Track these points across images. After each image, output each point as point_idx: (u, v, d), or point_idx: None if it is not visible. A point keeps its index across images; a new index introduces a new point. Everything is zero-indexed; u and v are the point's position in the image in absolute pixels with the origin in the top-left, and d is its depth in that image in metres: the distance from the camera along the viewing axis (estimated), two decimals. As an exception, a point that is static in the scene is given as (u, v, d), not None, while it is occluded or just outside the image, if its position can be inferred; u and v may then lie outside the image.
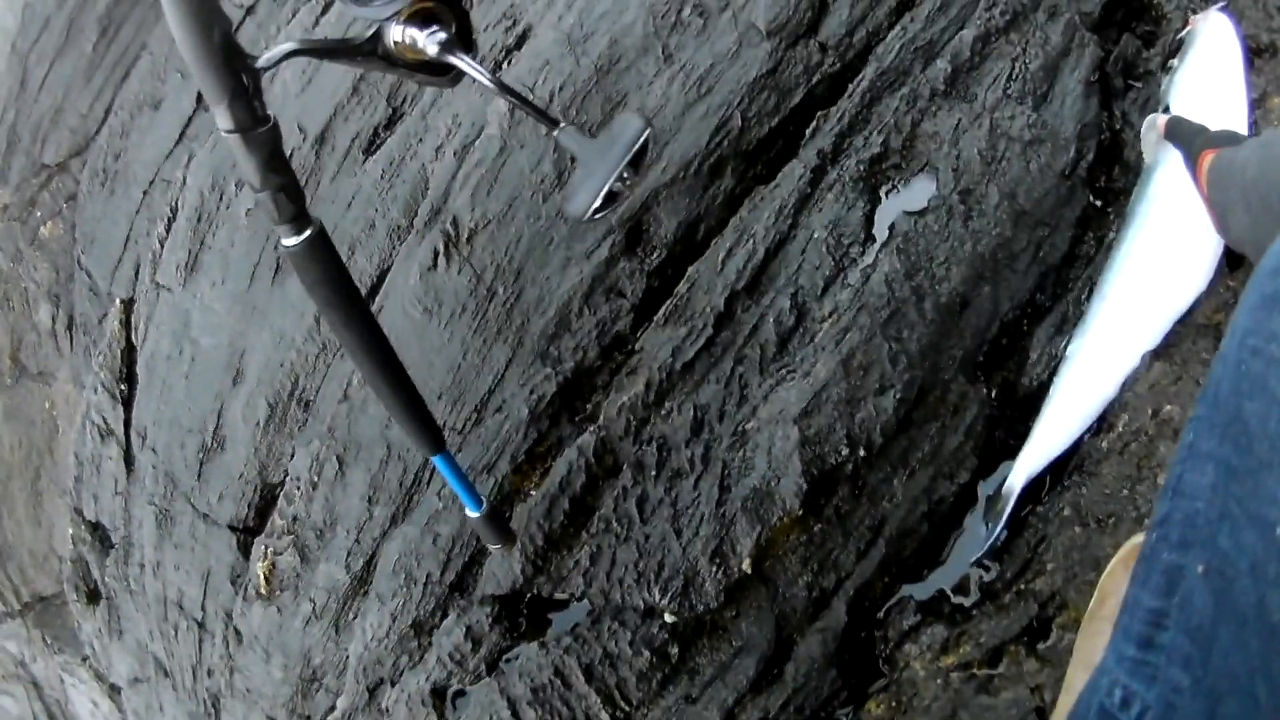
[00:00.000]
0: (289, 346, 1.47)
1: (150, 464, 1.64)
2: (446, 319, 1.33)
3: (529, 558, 1.25)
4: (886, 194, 1.36)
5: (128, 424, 1.69)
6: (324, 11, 1.74)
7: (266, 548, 1.46)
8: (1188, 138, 1.23)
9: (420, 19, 0.83)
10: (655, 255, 1.30)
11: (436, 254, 1.34)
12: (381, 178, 1.44)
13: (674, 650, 1.25)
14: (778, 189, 1.31)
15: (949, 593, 1.31)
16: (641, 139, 0.85)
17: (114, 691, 1.99)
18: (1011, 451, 1.31)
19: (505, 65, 1.42)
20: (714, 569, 1.23)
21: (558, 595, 1.27)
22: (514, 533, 1.18)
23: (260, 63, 0.75)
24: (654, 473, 1.23)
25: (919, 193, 1.37)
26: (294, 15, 1.78)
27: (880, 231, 1.33)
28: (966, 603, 1.29)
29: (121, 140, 1.92)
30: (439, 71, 0.88)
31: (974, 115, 1.41)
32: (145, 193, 1.81)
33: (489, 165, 1.36)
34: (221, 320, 1.54)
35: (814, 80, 1.38)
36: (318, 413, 1.42)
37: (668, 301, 1.28)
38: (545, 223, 1.31)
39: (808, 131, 1.35)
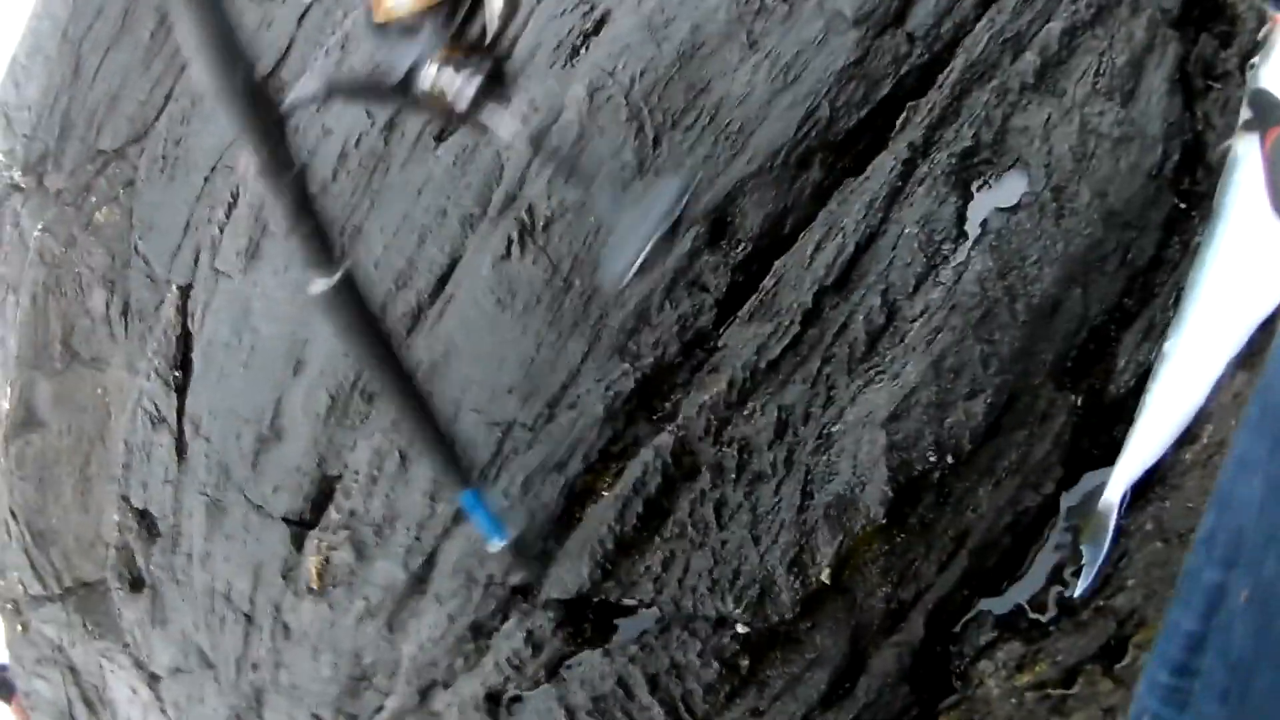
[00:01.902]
0: (353, 336, 1.43)
1: (203, 453, 1.62)
2: (520, 310, 1.29)
3: (597, 561, 1.20)
4: (978, 189, 1.30)
5: (180, 412, 1.67)
6: None
7: (321, 542, 1.43)
8: (1266, 110, 1.19)
9: (456, 61, 0.81)
10: (740, 249, 1.24)
11: (510, 243, 1.30)
12: (454, 164, 1.41)
13: (744, 662, 1.20)
14: (868, 182, 1.26)
15: (1027, 608, 1.25)
16: (678, 209, 0.85)
17: (153, 680, 1.97)
18: (1095, 461, 1.25)
19: (583, 50, 1.38)
20: (791, 578, 1.18)
21: (626, 601, 1.22)
22: (539, 564, 1.18)
23: (287, 105, 0.75)
24: (734, 476, 1.17)
25: (1010, 189, 1.31)
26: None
27: (972, 228, 1.26)
28: (1044, 619, 1.24)
29: (182, 127, 1.91)
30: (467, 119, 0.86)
31: (1064, 110, 1.35)
32: (206, 179, 1.79)
33: (568, 150, 1.32)
34: (283, 309, 1.51)
35: (903, 71, 1.33)
36: (382, 404, 1.38)
37: (753, 297, 1.23)
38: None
39: (898, 123, 1.30)
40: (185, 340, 1.71)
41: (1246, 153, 1.26)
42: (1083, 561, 1.17)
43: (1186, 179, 1.37)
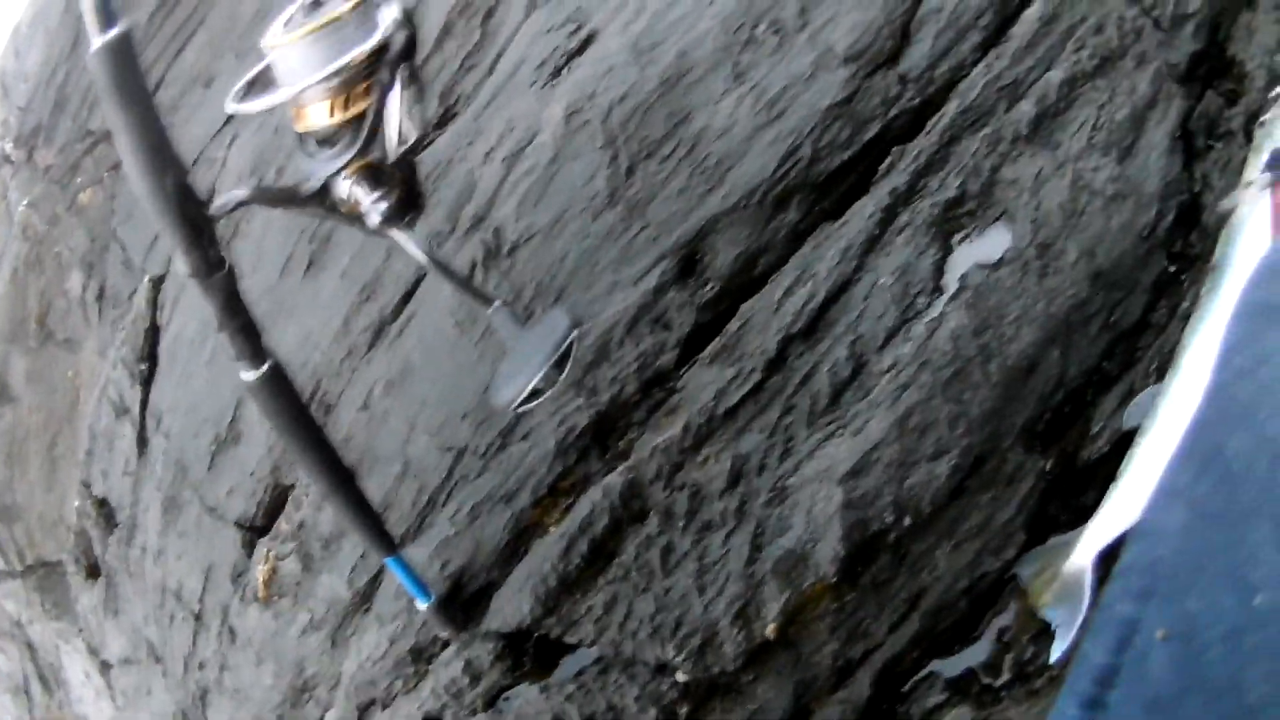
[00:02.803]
0: (314, 347, 1.41)
1: (162, 449, 1.60)
2: (479, 335, 1.26)
3: (539, 597, 1.18)
4: (960, 242, 1.26)
5: (144, 405, 1.65)
6: None
7: (269, 551, 1.41)
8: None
9: (369, 176, 0.84)
10: (708, 287, 1.21)
11: (475, 265, 1.28)
12: (426, 178, 1.38)
13: (683, 710, 1.17)
14: (845, 227, 1.23)
15: (979, 671, 1.22)
16: (567, 341, 0.91)
17: (105, 667, 1.96)
18: (1061, 526, 1.22)
19: (566, 71, 1.35)
20: (735, 631, 1.15)
21: (566, 639, 1.19)
22: (464, 621, 1.20)
23: (213, 210, 0.77)
24: (683, 523, 1.14)
25: (994, 243, 1.28)
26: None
27: (950, 282, 1.23)
28: (996, 683, 1.21)
29: (170, 115, 1.89)
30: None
31: (1057, 164, 1.32)
32: (189, 170, 1.76)
33: (539, 175, 1.29)
34: (249, 309, 1.49)
35: (892, 113, 1.29)
36: (337, 419, 1.36)
37: (717, 339, 1.20)
38: (594, 241, 1.24)
39: (881, 168, 1.26)
40: (154, 333, 1.69)
41: (1249, 215, 1.22)
42: (1054, 626, 1.14)
43: (1180, 241, 1.34)
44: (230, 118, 1.78)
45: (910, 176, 1.25)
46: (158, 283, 1.73)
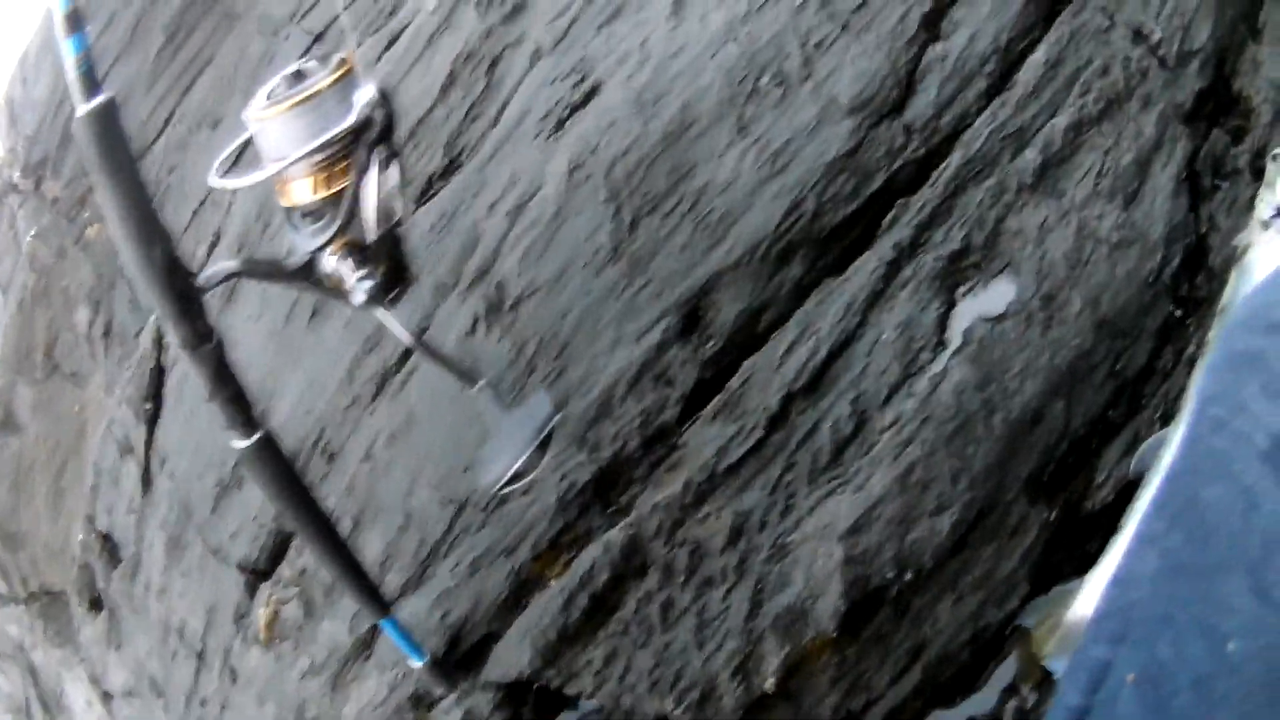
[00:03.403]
0: (319, 394, 1.42)
1: (167, 489, 1.61)
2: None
3: (538, 649, 1.18)
4: (964, 295, 1.26)
5: (149, 444, 1.66)
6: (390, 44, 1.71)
7: (272, 595, 1.41)
8: None
9: (354, 253, 0.85)
10: (711, 344, 1.21)
11: (477, 319, 1.28)
12: (431, 230, 1.39)
13: (683, 763, 1.17)
14: (848, 283, 1.23)
15: (981, 720, 1.22)
16: (549, 426, 0.93)
17: (107, 697, 1.97)
18: (1065, 575, 1.21)
19: (569, 122, 1.36)
20: (735, 685, 1.15)
21: (566, 690, 1.19)
22: (457, 679, 1.20)
23: (201, 281, 0.77)
24: (683, 578, 1.14)
25: (998, 296, 1.27)
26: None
27: (954, 336, 1.23)
28: (997, 732, 1.20)
29: (178, 154, 1.90)
30: None
31: (1061, 213, 1.32)
32: (195, 212, 1.77)
33: (543, 228, 1.29)
34: (254, 355, 1.50)
35: (896, 165, 1.29)
36: (341, 467, 1.37)
37: (719, 395, 1.20)
38: (597, 297, 1.24)
39: (885, 221, 1.27)
40: (160, 373, 1.70)
41: (1260, 257, 1.21)
42: (1057, 675, 1.13)
43: (1185, 284, 1.33)
44: (237, 161, 1.78)
45: (914, 229, 1.25)
46: (164, 322, 1.74)
